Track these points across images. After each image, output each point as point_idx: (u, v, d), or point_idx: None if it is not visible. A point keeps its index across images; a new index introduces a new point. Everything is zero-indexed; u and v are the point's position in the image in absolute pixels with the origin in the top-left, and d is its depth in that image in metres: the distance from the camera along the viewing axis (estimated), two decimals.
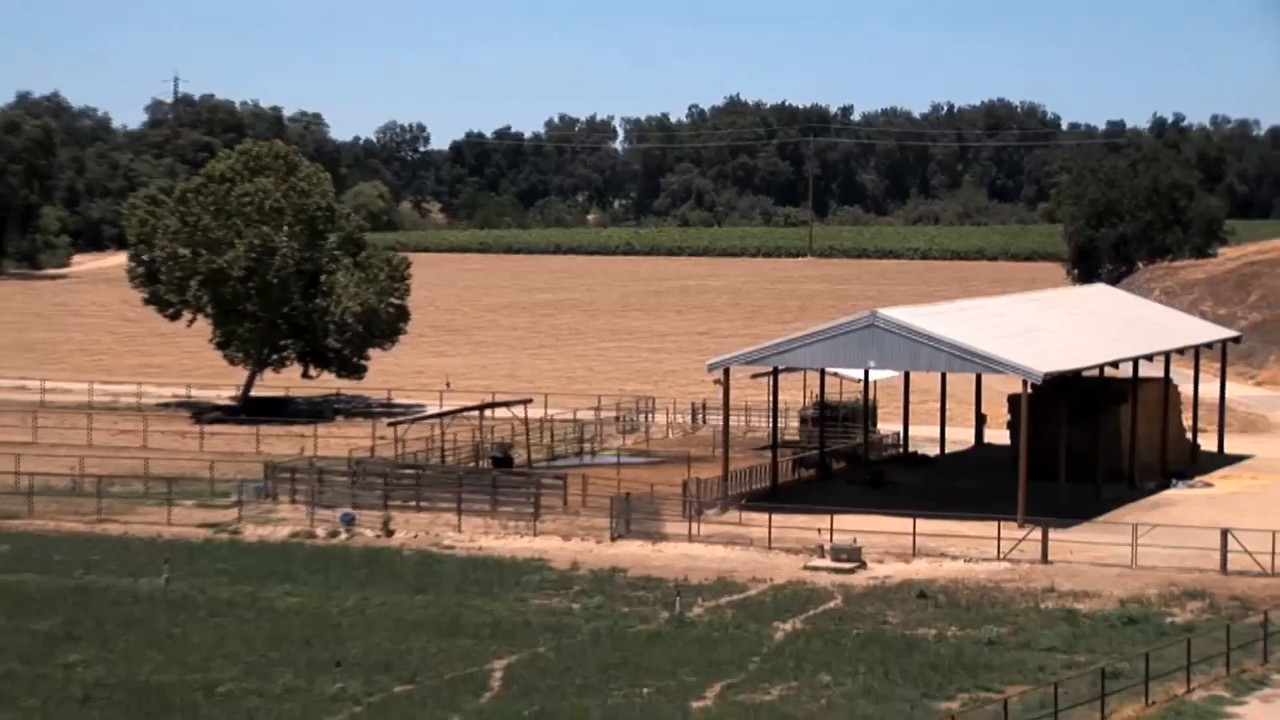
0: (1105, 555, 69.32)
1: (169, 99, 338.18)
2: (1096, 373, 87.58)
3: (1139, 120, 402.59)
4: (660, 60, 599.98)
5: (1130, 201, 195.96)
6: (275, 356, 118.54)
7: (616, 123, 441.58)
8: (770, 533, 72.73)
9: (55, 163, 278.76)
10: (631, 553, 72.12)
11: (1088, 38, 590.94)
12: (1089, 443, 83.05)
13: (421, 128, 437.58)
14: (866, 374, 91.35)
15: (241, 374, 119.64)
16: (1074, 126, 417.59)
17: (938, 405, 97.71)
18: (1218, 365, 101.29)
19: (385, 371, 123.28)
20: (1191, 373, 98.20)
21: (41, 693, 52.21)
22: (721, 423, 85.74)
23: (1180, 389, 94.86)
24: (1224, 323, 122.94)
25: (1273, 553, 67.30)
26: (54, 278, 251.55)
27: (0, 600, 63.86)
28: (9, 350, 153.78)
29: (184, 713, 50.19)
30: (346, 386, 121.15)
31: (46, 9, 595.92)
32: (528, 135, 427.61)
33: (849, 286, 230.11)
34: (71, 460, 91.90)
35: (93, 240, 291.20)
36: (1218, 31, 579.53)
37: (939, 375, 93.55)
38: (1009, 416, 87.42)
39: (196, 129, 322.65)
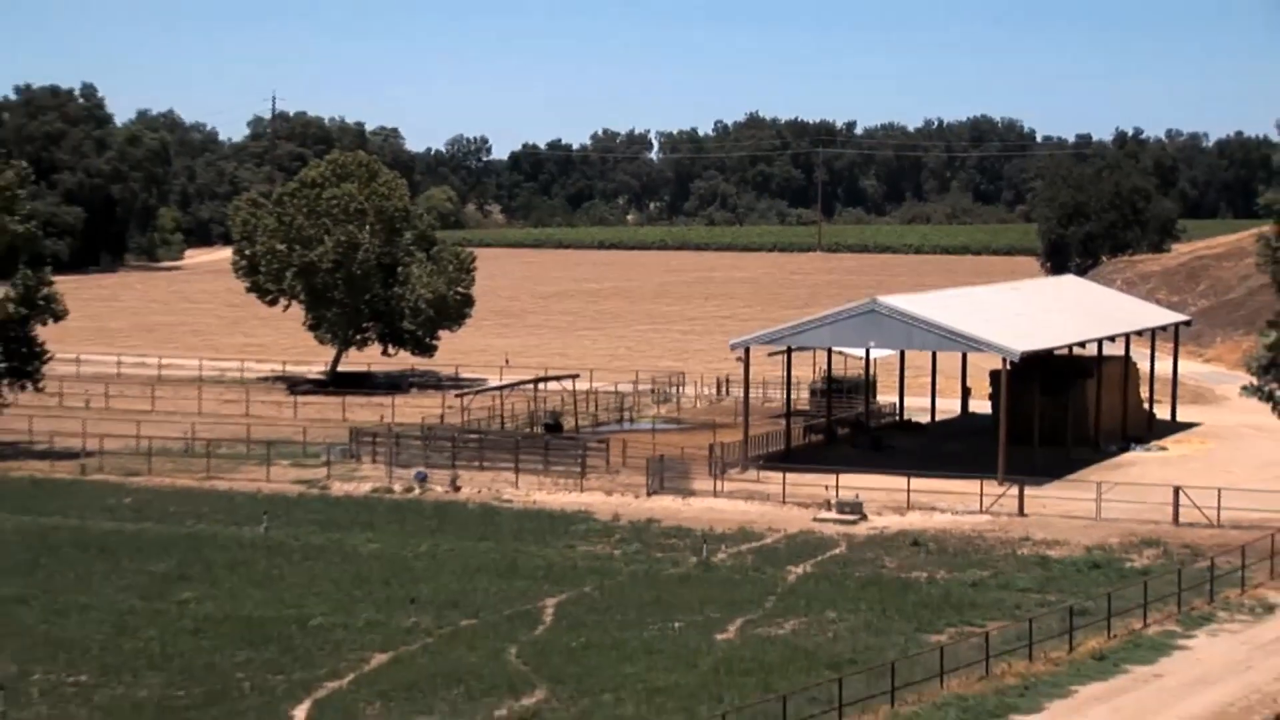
0: (1073, 509, 69.19)
1: (268, 115, 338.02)
2: (1066, 351, 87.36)
3: (1103, 133, 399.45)
4: (690, 81, 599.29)
5: (1096, 204, 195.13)
6: (359, 337, 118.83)
7: (652, 135, 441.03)
8: (784, 489, 72.70)
9: (170, 170, 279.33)
10: (664, 506, 72.13)
11: (1059, 63, 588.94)
12: (1059, 412, 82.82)
13: (484, 140, 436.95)
14: (867, 353, 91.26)
15: (330, 352, 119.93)
16: (1047, 139, 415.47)
17: (929, 380, 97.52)
18: (1171, 345, 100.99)
19: (453, 350, 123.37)
20: (1149, 351, 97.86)
21: (159, 625, 52.51)
22: (742, 394, 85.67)
23: (1139, 366, 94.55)
24: (1177, 309, 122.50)
25: (1218, 507, 67.18)
26: (169, 269, 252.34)
27: (124, 545, 64.19)
28: (131, 332, 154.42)
29: (281, 642, 50.35)
30: (420, 363, 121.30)
31: (163, 37, 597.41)
32: (576, 146, 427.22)
33: (852, 277, 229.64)
34: (184, 426, 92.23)
35: (202, 237, 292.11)
36: (1170, 58, 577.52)
37: (930, 354, 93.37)
38: (990, 389, 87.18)
39: (291, 141, 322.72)
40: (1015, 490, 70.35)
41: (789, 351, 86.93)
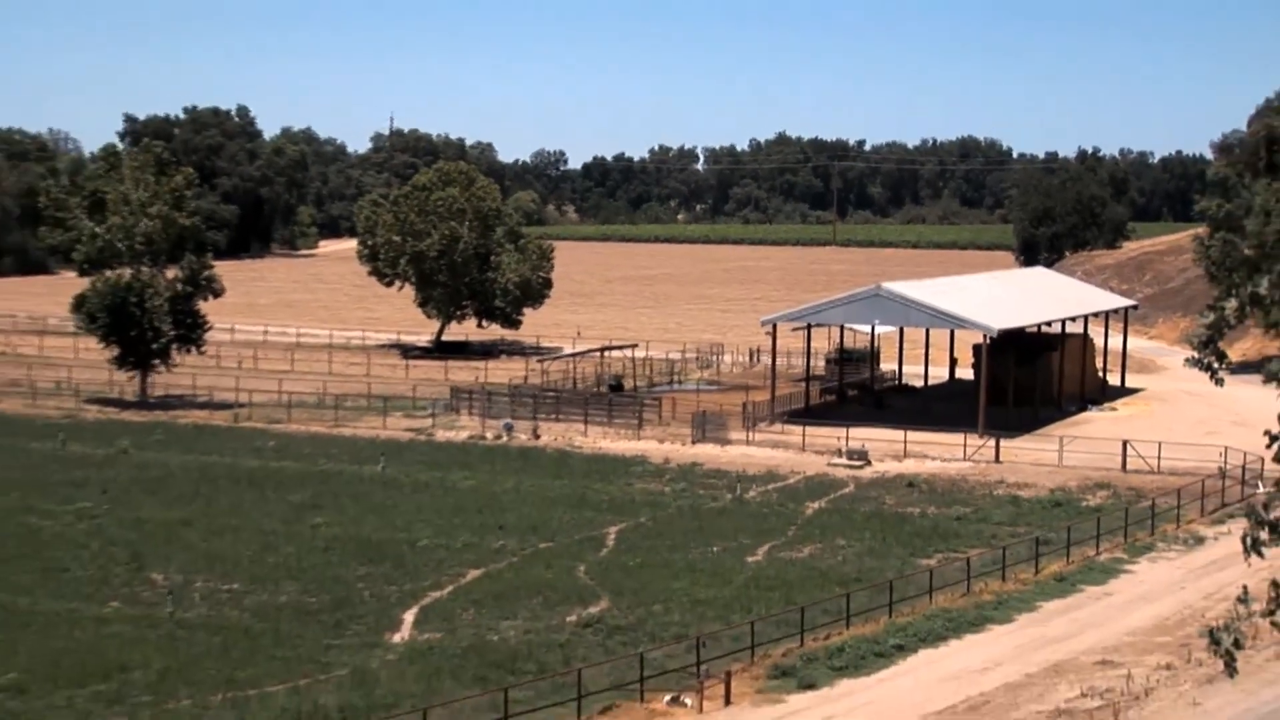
0: (1040, 458, 68.86)
1: (387, 131, 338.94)
2: (1035, 329, 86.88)
3: (1068, 150, 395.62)
4: (730, 106, 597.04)
5: (1061, 209, 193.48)
6: (458, 313, 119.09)
7: (699, 150, 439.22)
8: (804, 439, 72.61)
9: (308, 176, 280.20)
10: (706, 452, 72.10)
11: (1033, 92, 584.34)
12: (1029, 378, 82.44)
13: (562, 153, 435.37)
14: (873, 329, 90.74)
15: (435, 325, 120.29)
16: (1022, 155, 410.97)
17: (923, 351, 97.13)
18: (1122, 325, 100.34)
19: (535, 324, 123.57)
20: (1103, 329, 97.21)
21: (296, 543, 52.86)
22: (770, 362, 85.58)
23: (1094, 341, 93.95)
24: (1126, 295, 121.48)
25: (1159, 457, 66.84)
26: (306, 257, 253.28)
27: (268, 480, 64.63)
28: (275, 307, 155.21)
29: (394, 559, 50.61)
30: (508, 334, 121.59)
31: (303, 67, 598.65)
32: (636, 159, 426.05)
33: (861, 267, 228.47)
34: (317, 383, 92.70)
35: (333, 230, 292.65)
36: (1125, 90, 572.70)
37: (924, 330, 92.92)
38: (973, 359, 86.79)
39: (405, 153, 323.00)
40: (992, 442, 70.08)
41: (809, 327, 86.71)
